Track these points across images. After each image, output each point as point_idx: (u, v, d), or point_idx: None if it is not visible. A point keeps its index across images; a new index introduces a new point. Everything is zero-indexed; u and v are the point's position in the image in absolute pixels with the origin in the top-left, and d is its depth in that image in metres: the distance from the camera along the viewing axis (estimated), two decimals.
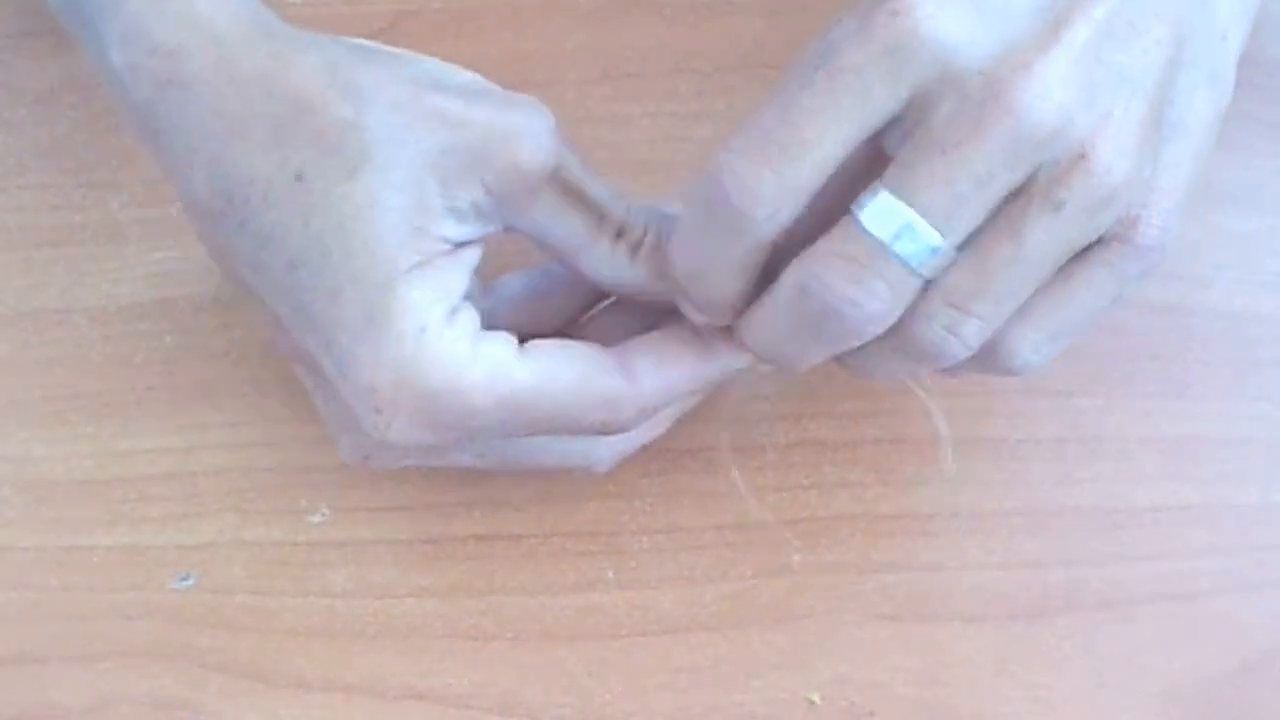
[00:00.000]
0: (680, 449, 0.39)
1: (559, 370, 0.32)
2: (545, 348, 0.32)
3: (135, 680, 0.37)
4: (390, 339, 0.30)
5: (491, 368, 0.31)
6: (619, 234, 0.33)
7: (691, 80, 0.43)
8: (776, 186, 0.29)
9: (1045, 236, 0.29)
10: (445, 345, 0.30)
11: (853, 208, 0.29)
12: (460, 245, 0.32)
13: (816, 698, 0.37)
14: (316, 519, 0.39)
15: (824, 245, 0.29)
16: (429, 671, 0.38)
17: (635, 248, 0.33)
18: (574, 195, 0.33)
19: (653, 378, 0.32)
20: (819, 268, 0.29)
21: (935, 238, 0.29)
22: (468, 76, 0.33)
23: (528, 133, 0.31)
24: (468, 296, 0.32)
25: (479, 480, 0.39)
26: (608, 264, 0.33)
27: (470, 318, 0.32)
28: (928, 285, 0.30)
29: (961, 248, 0.29)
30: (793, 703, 0.37)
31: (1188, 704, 0.37)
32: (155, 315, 0.41)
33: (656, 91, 0.43)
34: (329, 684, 0.37)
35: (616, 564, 0.38)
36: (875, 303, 0.29)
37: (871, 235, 0.29)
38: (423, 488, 0.39)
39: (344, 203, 0.30)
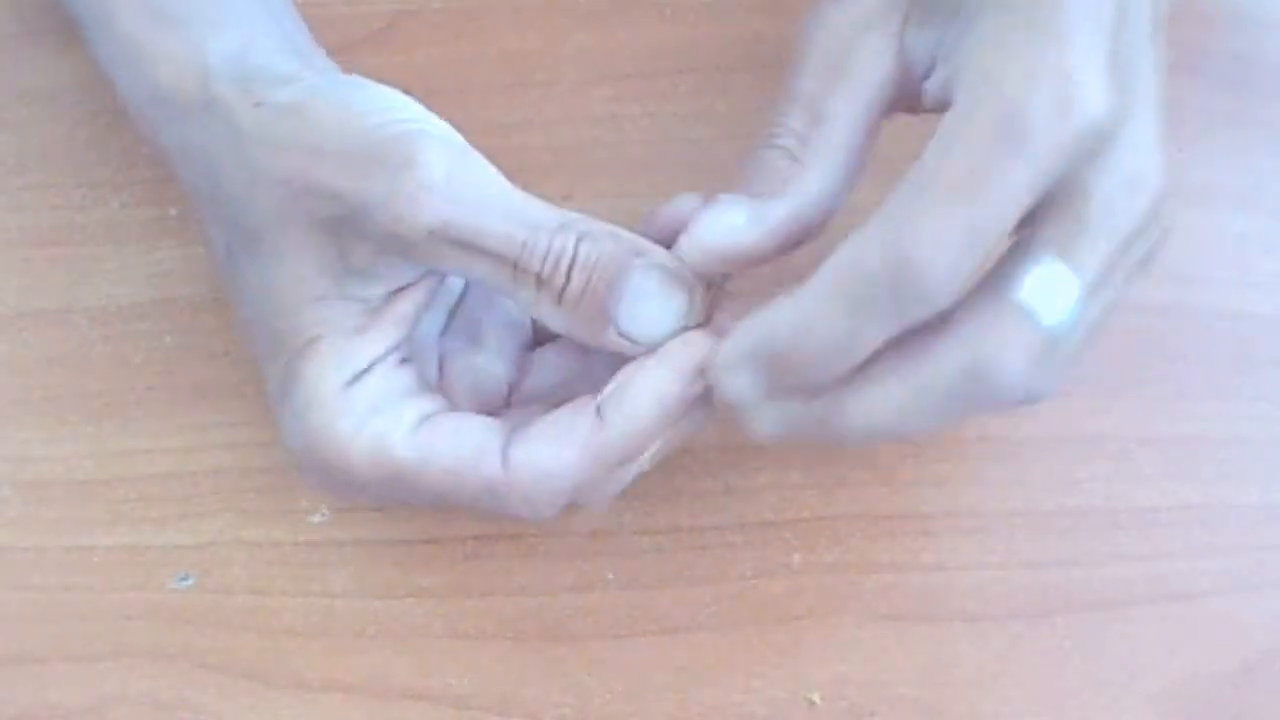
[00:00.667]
0: (680, 449, 0.39)
1: (438, 455, 0.32)
2: (439, 429, 0.32)
3: (135, 680, 0.37)
4: (291, 412, 0.32)
5: (373, 444, 0.31)
6: (538, 281, 0.31)
7: (691, 80, 0.43)
8: (971, 271, 0.28)
9: (1126, 283, 0.31)
10: (330, 421, 0.31)
11: (1013, 288, 0.29)
12: (385, 297, 0.32)
13: (816, 698, 0.37)
14: (316, 519, 0.39)
15: (991, 328, 0.29)
16: (429, 671, 0.38)
17: (558, 298, 0.32)
18: (468, 248, 0.31)
19: (530, 470, 0.31)
20: (999, 353, 0.29)
21: (1079, 302, 0.29)
22: (369, 123, 0.31)
23: (390, 200, 0.30)
24: (393, 350, 0.32)
25: None
26: (534, 311, 0.32)
27: (377, 383, 0.32)
28: None
29: None
30: (793, 703, 0.37)
31: (1188, 704, 0.37)
32: (155, 315, 0.41)
33: (656, 91, 0.43)
34: (329, 684, 0.37)
35: (616, 564, 0.38)
36: (1042, 377, 0.29)
37: (1041, 321, 0.29)
38: None
39: (253, 281, 0.33)
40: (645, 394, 0.31)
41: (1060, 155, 0.28)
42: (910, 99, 0.33)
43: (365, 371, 0.32)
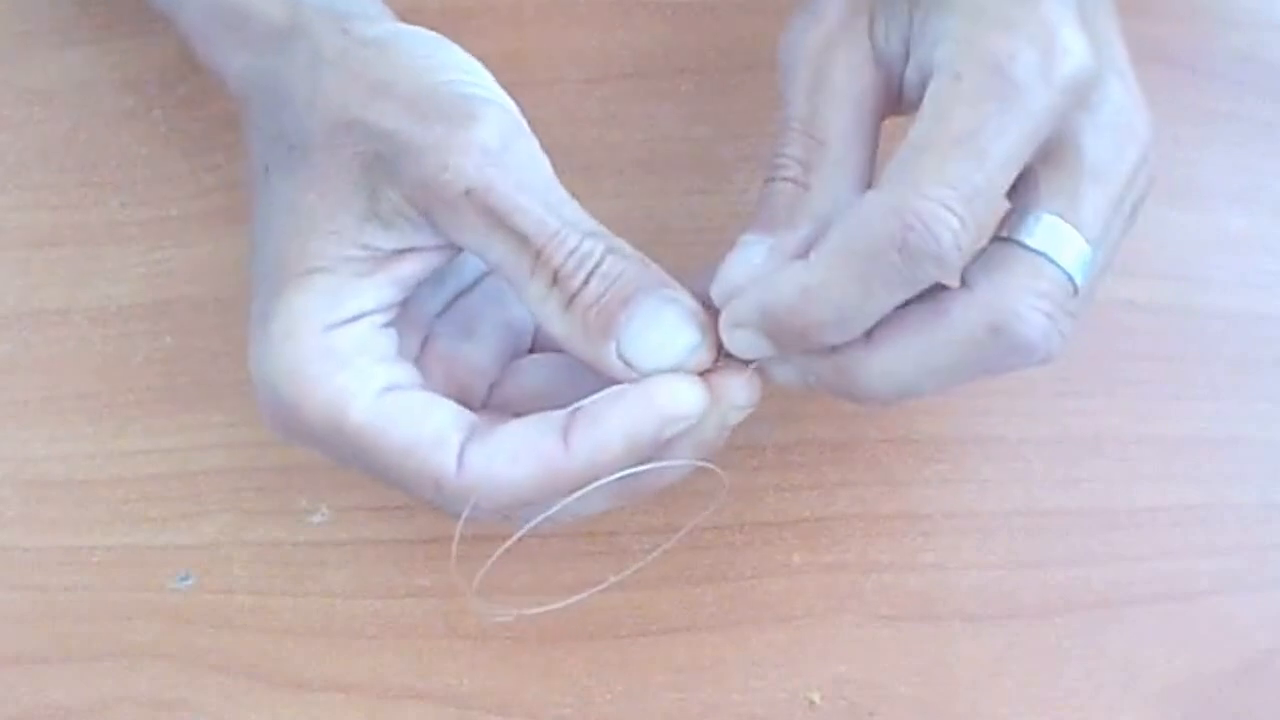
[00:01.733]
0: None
1: (394, 429, 0.30)
2: (402, 402, 0.31)
3: (135, 680, 0.37)
4: (265, 337, 0.31)
5: (333, 398, 0.30)
6: (554, 278, 0.31)
7: (691, 80, 0.43)
8: (976, 236, 0.29)
9: (1121, 235, 0.32)
10: (302, 358, 0.31)
11: (1023, 237, 0.30)
12: (394, 254, 0.32)
13: (816, 698, 0.37)
14: (316, 519, 0.39)
15: (1011, 281, 0.30)
16: (429, 671, 0.38)
17: (569, 300, 0.31)
18: (498, 222, 0.30)
19: (482, 476, 0.30)
20: (1019, 306, 0.29)
21: (1089, 254, 0.30)
22: (441, 78, 0.32)
23: (441, 149, 0.30)
24: (383, 310, 0.32)
25: None
26: (538, 309, 0.31)
27: (357, 336, 0.31)
28: None
29: None
30: (793, 703, 0.37)
31: (1188, 704, 0.37)
32: (155, 315, 0.41)
33: (656, 91, 0.43)
34: (329, 684, 0.37)
35: (616, 564, 0.38)
36: (1059, 332, 0.30)
37: (1053, 261, 0.30)
38: None
39: (280, 200, 0.32)
40: (617, 427, 0.30)
41: (1051, 105, 0.29)
42: (896, 96, 0.33)
43: (350, 320, 0.31)
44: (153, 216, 0.42)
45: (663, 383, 0.31)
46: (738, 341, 0.31)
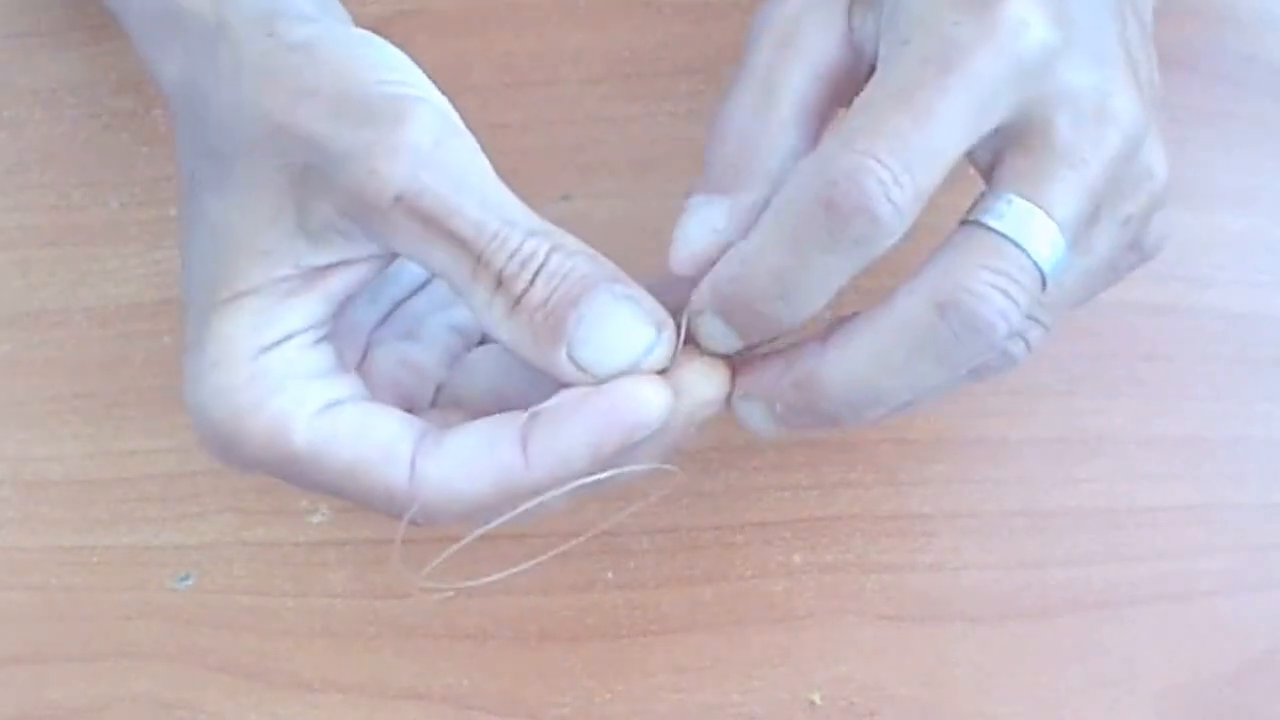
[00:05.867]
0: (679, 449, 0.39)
1: (338, 448, 0.29)
2: (343, 418, 0.30)
3: (135, 680, 0.37)
4: (198, 364, 0.30)
5: (272, 423, 0.29)
6: (497, 282, 0.29)
7: (691, 80, 0.43)
8: (914, 195, 0.27)
9: (1109, 248, 0.30)
10: (235, 387, 0.29)
11: (983, 218, 0.28)
12: (323, 269, 0.30)
13: (816, 698, 0.37)
14: (316, 519, 0.39)
15: (962, 259, 0.28)
16: (429, 671, 0.38)
17: (515, 303, 0.29)
18: (434, 227, 0.29)
19: (437, 488, 0.29)
20: (969, 281, 0.27)
21: (1063, 246, 0.28)
22: (370, 77, 0.30)
23: (367, 154, 0.28)
24: (314, 327, 0.31)
25: None
26: (483, 316, 0.30)
27: (289, 357, 0.30)
28: None
29: None
30: (793, 703, 0.37)
31: (1188, 704, 0.37)
32: (155, 315, 0.41)
33: (656, 91, 0.43)
34: (329, 684, 0.37)
35: (616, 564, 0.38)
36: (1019, 314, 0.28)
37: (1017, 244, 0.28)
38: None
39: (206, 216, 0.31)
40: (580, 437, 0.29)
41: (1001, 75, 0.28)
42: (857, 78, 0.32)
43: (280, 342, 0.30)
44: (153, 216, 0.42)
45: (624, 387, 0.29)
46: (703, 328, 0.30)
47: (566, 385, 0.30)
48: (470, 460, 0.29)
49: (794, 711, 0.37)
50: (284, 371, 0.30)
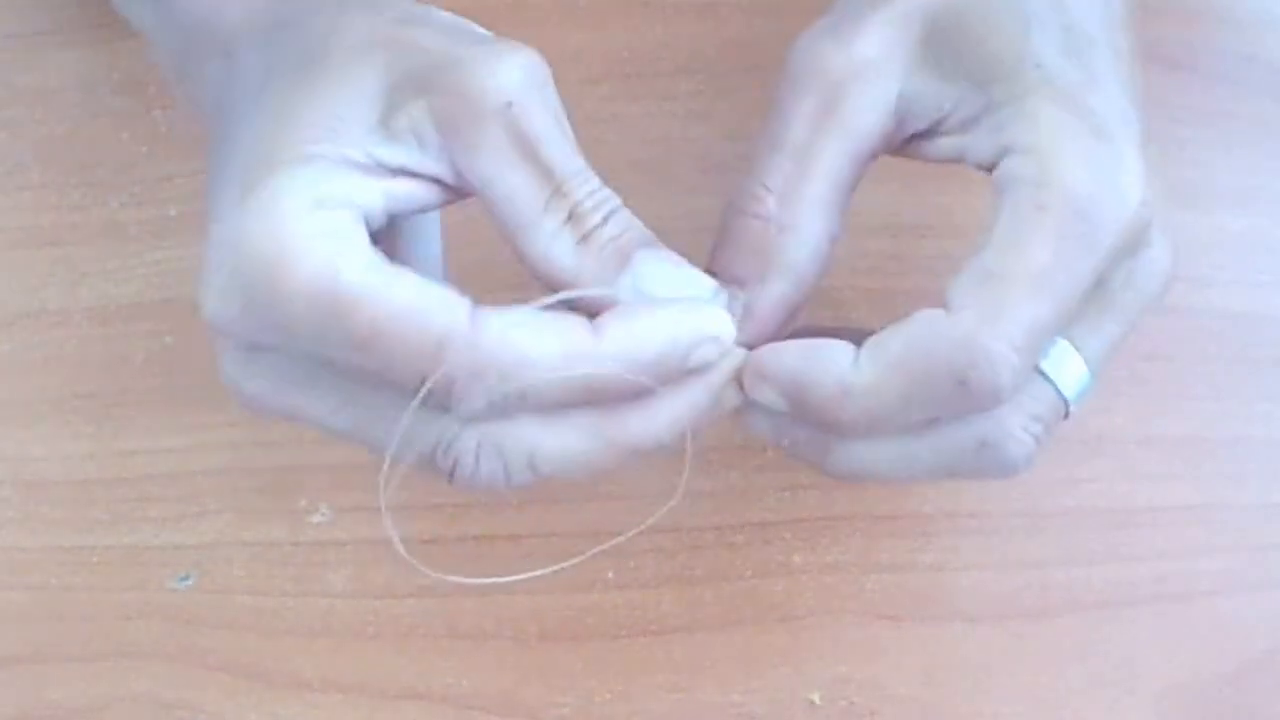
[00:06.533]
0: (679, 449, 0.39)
1: (394, 291, 0.27)
2: (400, 270, 0.28)
3: (135, 680, 0.38)
4: (243, 211, 0.28)
5: (320, 265, 0.27)
6: (570, 215, 0.29)
7: (691, 80, 0.43)
8: (1033, 366, 0.29)
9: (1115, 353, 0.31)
10: (289, 229, 0.27)
11: (1045, 369, 0.29)
12: (391, 170, 0.29)
13: (816, 698, 0.37)
14: (316, 519, 0.39)
15: (1014, 399, 0.29)
16: (429, 671, 0.38)
17: (585, 236, 0.29)
18: (527, 147, 0.29)
19: (500, 342, 0.27)
20: (1014, 427, 0.29)
21: (1088, 380, 0.30)
22: (483, 33, 0.31)
23: (486, 64, 0.29)
24: (370, 215, 0.29)
25: None
26: (547, 245, 0.29)
27: (347, 222, 0.28)
28: None
29: None
30: (793, 703, 0.37)
31: (1188, 704, 0.37)
32: (155, 315, 0.41)
33: (656, 91, 0.43)
34: (329, 684, 0.37)
35: (616, 564, 0.38)
36: (1039, 448, 0.30)
37: (1054, 385, 0.29)
38: (423, 488, 0.39)
39: (281, 97, 0.30)
40: (657, 325, 0.29)
41: (1117, 248, 0.29)
42: (897, 144, 0.31)
43: (341, 206, 0.28)
44: (153, 216, 0.42)
45: (694, 304, 0.30)
46: (757, 389, 0.30)
47: None
48: (539, 325, 0.28)
49: (794, 711, 0.37)
50: (339, 230, 0.28)
